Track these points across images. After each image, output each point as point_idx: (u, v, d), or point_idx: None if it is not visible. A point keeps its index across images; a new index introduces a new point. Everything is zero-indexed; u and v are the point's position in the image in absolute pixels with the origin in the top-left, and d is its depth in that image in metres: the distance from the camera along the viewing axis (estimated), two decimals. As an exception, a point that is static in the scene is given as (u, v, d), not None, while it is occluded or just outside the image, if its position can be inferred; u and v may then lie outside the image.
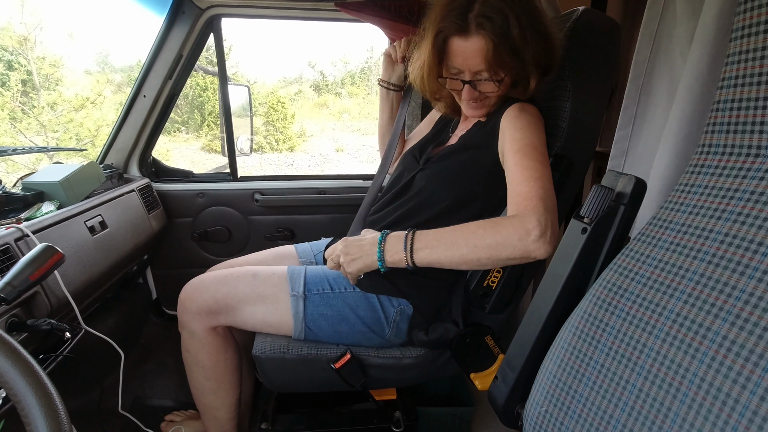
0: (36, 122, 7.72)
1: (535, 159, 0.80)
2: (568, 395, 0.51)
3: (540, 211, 0.74)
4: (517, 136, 0.85)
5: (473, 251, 0.77)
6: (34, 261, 0.67)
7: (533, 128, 0.86)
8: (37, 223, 0.95)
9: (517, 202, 0.78)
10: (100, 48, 12.88)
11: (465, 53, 0.85)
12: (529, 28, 0.82)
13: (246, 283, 0.98)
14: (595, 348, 0.49)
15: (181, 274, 1.34)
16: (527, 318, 0.61)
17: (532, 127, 0.85)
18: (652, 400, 0.43)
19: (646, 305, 0.46)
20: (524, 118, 0.87)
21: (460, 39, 0.84)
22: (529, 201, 0.76)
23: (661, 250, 0.47)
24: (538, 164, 0.80)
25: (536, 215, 0.74)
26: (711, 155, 0.45)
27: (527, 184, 0.78)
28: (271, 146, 11.29)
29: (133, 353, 1.54)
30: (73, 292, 0.96)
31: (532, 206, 0.75)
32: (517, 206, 0.77)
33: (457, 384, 1.43)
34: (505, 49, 0.82)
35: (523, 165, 0.81)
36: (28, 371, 0.41)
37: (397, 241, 0.83)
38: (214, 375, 1.02)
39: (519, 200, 0.78)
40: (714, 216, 0.43)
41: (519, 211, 0.76)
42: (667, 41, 0.73)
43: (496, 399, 0.64)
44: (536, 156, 0.81)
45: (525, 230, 0.73)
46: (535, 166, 0.80)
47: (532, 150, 0.82)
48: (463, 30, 0.83)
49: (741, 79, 0.41)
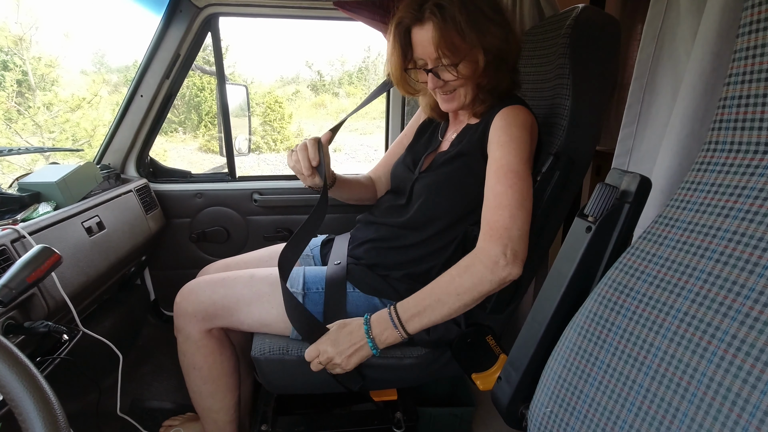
0: (32, 123, 7.68)
1: (507, 184, 0.82)
2: (574, 395, 0.51)
3: (504, 241, 0.78)
4: (497, 155, 0.86)
5: (458, 299, 0.81)
6: (31, 262, 0.66)
7: (515, 144, 0.85)
8: (33, 224, 0.94)
9: (485, 231, 0.82)
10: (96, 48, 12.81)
11: (423, 42, 0.87)
12: (477, 12, 0.85)
13: (243, 284, 0.97)
14: (600, 348, 0.49)
15: (179, 275, 1.33)
16: (531, 318, 0.61)
17: (513, 144, 0.85)
18: (659, 400, 0.42)
19: (653, 304, 0.45)
20: (509, 132, 0.87)
21: (417, 28, 0.88)
22: (494, 231, 0.80)
23: (667, 249, 0.46)
24: (509, 189, 0.81)
25: (500, 246, 0.78)
26: (718, 152, 0.45)
27: (495, 212, 0.81)
28: (268, 146, 11.26)
29: (131, 355, 1.53)
30: (71, 293, 0.95)
31: (497, 237, 0.79)
32: (484, 235, 0.82)
33: (457, 384, 1.43)
34: (453, 33, 0.85)
35: (496, 191, 0.83)
36: (24, 374, 0.40)
37: (383, 322, 0.84)
38: (212, 378, 1.01)
39: (486, 229, 0.82)
40: (721, 214, 0.42)
41: (485, 242, 0.81)
42: (671, 39, 0.73)
43: (499, 399, 0.63)
44: (510, 179, 0.82)
45: (493, 263, 0.78)
46: (506, 191, 0.81)
47: (506, 173, 0.83)
48: (418, 19, 0.86)
49: (748, 75, 0.41)
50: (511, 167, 0.83)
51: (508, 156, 0.84)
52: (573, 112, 0.93)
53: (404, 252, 0.99)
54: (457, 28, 0.84)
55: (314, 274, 1.00)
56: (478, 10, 0.85)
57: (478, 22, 0.85)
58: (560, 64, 0.93)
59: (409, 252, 0.99)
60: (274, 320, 0.96)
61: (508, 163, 0.83)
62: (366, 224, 1.09)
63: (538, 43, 1.05)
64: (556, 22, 0.99)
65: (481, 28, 0.85)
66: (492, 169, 0.85)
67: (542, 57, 1.03)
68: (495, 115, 0.90)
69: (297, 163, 0.94)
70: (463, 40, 0.85)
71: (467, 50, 0.86)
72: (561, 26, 0.94)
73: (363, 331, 0.84)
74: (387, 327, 0.84)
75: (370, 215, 1.10)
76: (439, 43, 0.84)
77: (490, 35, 0.86)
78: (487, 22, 0.86)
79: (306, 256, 1.21)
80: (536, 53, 1.06)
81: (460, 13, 0.83)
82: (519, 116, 0.89)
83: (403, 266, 0.98)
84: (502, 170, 0.83)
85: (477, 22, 0.85)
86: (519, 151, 0.84)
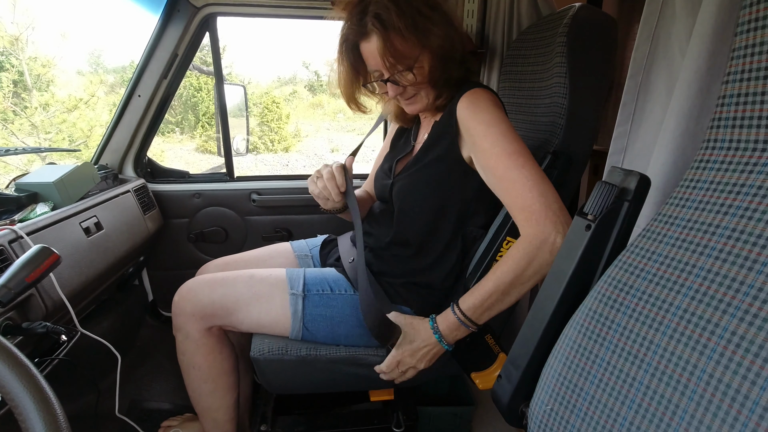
0: (28, 123, 7.64)
1: (517, 166, 0.80)
2: (574, 393, 0.51)
3: (551, 219, 0.76)
4: (485, 146, 0.84)
5: (523, 287, 0.81)
6: (30, 262, 0.66)
7: (495, 127, 0.84)
8: (31, 224, 0.94)
9: (525, 217, 0.79)
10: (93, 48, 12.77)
11: (372, 54, 0.87)
12: (415, 14, 0.84)
13: (243, 284, 0.97)
14: (601, 345, 0.49)
15: (177, 276, 1.33)
16: (531, 316, 0.61)
17: (494, 127, 0.84)
18: (659, 397, 0.42)
19: (652, 302, 0.45)
20: (481, 118, 0.86)
21: (364, 42, 0.88)
22: (536, 213, 0.78)
23: (666, 246, 0.46)
24: (522, 170, 0.80)
25: (549, 225, 0.76)
26: (717, 150, 0.45)
27: (525, 196, 0.79)
28: (266, 146, 11.25)
29: (129, 356, 1.53)
30: (69, 294, 0.95)
31: (543, 218, 0.77)
32: (527, 221, 0.79)
33: (456, 383, 1.43)
34: (397, 40, 0.84)
35: (510, 177, 0.81)
36: (24, 375, 0.40)
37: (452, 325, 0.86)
38: (211, 377, 1.01)
39: (526, 215, 0.79)
40: (720, 211, 0.43)
41: (532, 227, 0.78)
42: (666, 37, 0.73)
43: (500, 398, 0.63)
44: (515, 160, 0.81)
45: (551, 244, 0.76)
46: (521, 173, 0.80)
47: (509, 156, 0.81)
48: (362, 33, 0.87)
49: (747, 73, 0.41)
50: (508, 150, 0.81)
51: (499, 141, 0.82)
52: (570, 111, 0.93)
53: (404, 262, 1.00)
54: (399, 34, 0.84)
55: (314, 276, 1.00)
56: (415, 12, 0.84)
57: (417, 24, 0.84)
58: (557, 63, 0.93)
59: (409, 262, 0.99)
60: (273, 321, 0.96)
61: (504, 148, 0.82)
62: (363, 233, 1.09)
63: (535, 42, 1.06)
64: (553, 21, 0.99)
65: (421, 29, 0.85)
66: (492, 159, 0.83)
67: (539, 56, 1.03)
68: (456, 104, 0.89)
69: (324, 190, 0.97)
70: (407, 46, 0.85)
71: (415, 54, 0.87)
72: (558, 25, 0.95)
73: (435, 338, 0.88)
74: (456, 328, 0.86)
75: (367, 225, 1.10)
76: (385, 53, 0.84)
77: (432, 35, 0.86)
78: (425, 21, 0.85)
79: (305, 257, 1.21)
80: (533, 52, 1.06)
81: (398, 18, 0.83)
82: (480, 99, 0.88)
83: (406, 275, 0.99)
84: (503, 156, 0.82)
85: (416, 25, 0.84)
86: (504, 132, 0.83)
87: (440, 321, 0.88)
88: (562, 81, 0.93)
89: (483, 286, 0.83)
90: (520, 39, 1.15)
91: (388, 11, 0.83)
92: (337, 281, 1.00)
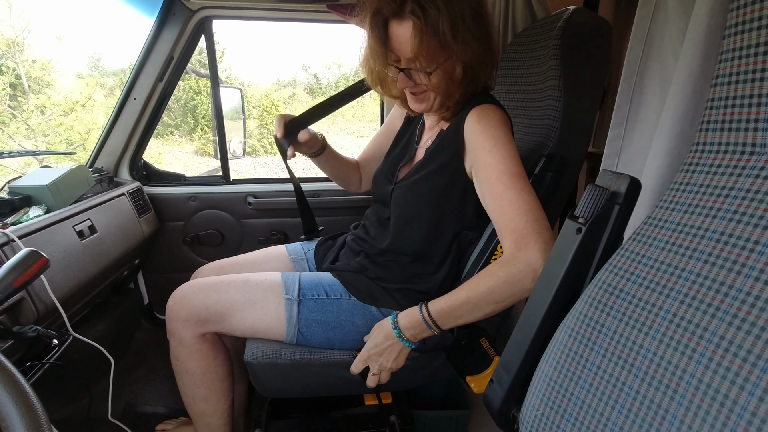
0: (25, 126, 7.64)
1: (516, 188, 0.79)
2: (564, 397, 0.50)
3: (540, 246, 0.75)
4: (490, 161, 0.82)
5: (496, 306, 0.79)
6: (18, 266, 0.65)
7: (503, 147, 0.83)
8: (23, 227, 0.93)
9: (514, 239, 0.78)
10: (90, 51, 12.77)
11: (399, 38, 0.82)
12: (459, 21, 0.79)
13: (237, 289, 0.96)
14: (591, 349, 0.49)
15: (173, 279, 1.32)
16: (522, 320, 0.60)
17: (501, 147, 0.82)
18: (649, 401, 0.42)
19: (642, 306, 0.45)
20: (490, 134, 0.84)
21: (395, 22, 0.81)
22: (526, 238, 0.76)
23: (656, 250, 0.46)
24: (522, 193, 0.79)
25: (537, 252, 0.75)
26: (706, 153, 0.45)
27: (518, 218, 0.78)
28: (265, 149, 11.24)
29: (124, 359, 1.52)
30: (61, 297, 0.95)
31: (533, 243, 0.75)
32: (516, 243, 0.77)
33: (452, 387, 1.42)
34: (433, 40, 0.80)
35: (508, 197, 0.79)
36: (7, 379, 0.39)
37: (417, 325, 0.85)
38: (205, 382, 1.00)
39: (515, 237, 0.78)
40: (709, 215, 0.42)
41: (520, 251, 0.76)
42: (659, 40, 0.73)
43: (491, 402, 0.63)
44: (516, 182, 0.80)
45: (534, 272, 0.75)
46: (520, 195, 0.79)
47: (510, 177, 0.80)
48: (397, 13, 0.80)
49: (735, 76, 0.41)
50: (512, 170, 0.81)
51: (504, 160, 0.81)
52: (565, 114, 0.93)
53: (401, 268, 0.99)
54: (438, 35, 0.80)
55: (310, 281, 1.00)
56: (458, 17, 0.80)
57: (456, 31, 0.80)
58: (552, 66, 0.93)
59: (406, 269, 0.99)
60: (268, 326, 0.95)
61: (508, 168, 0.81)
62: (359, 238, 1.09)
63: (530, 45, 1.06)
64: (547, 24, 0.99)
65: (459, 38, 0.80)
66: (492, 175, 0.82)
67: (534, 59, 1.03)
68: (466, 116, 0.88)
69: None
70: (441, 49, 0.82)
71: (441, 60, 0.83)
72: (552, 28, 0.95)
73: (394, 334, 0.86)
74: (418, 325, 0.85)
75: (362, 230, 1.10)
76: (418, 47, 0.80)
77: (468, 49, 0.82)
78: (465, 32, 0.81)
79: (300, 260, 1.20)
80: (528, 55, 1.06)
81: (439, 16, 0.78)
82: (492, 116, 0.86)
83: (402, 281, 0.98)
84: (505, 175, 0.80)
85: (455, 31, 0.80)
86: (511, 153, 0.82)
87: (402, 317, 0.86)
88: (557, 84, 0.93)
89: (456, 295, 0.82)
90: (515, 42, 1.15)
91: (437, 10, 0.78)
92: (332, 286, 0.99)
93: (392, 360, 0.88)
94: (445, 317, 0.82)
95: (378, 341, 0.88)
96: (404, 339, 0.86)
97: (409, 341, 0.86)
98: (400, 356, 0.88)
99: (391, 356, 0.88)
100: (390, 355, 0.88)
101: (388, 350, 0.88)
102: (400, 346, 0.87)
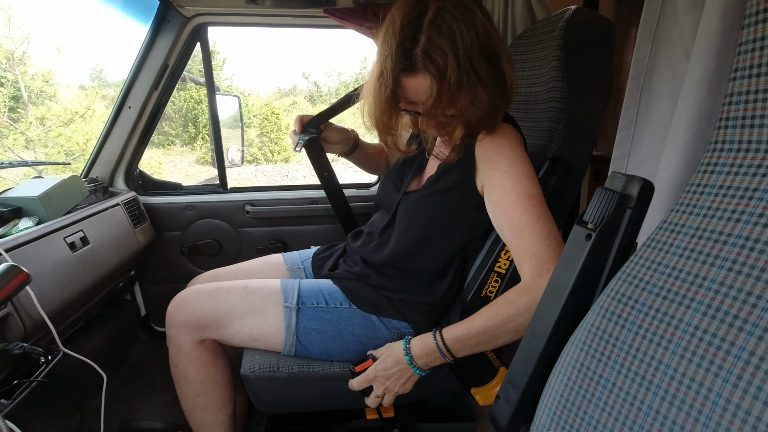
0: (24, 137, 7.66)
1: (536, 211, 0.77)
2: (577, 417, 0.47)
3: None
4: (506, 183, 0.80)
5: (515, 335, 0.77)
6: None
7: (519, 167, 0.80)
8: (11, 240, 0.91)
9: (535, 264, 0.76)
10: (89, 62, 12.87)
11: (415, 89, 0.76)
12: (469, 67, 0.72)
13: (236, 296, 0.95)
14: (605, 365, 0.45)
15: (170, 290, 1.29)
16: (530, 332, 0.57)
17: (518, 167, 0.80)
18: (671, 423, 0.39)
19: (660, 317, 0.42)
20: (506, 154, 0.81)
21: (408, 77, 0.75)
22: (551, 263, 0.74)
23: (674, 257, 0.43)
24: (542, 216, 0.77)
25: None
26: (725, 152, 0.42)
27: (539, 242, 0.76)
28: (265, 157, 11.26)
29: (120, 373, 1.49)
30: (51, 312, 0.92)
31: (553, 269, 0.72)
32: (537, 269, 0.75)
33: (457, 398, 1.38)
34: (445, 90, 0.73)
35: (528, 220, 0.77)
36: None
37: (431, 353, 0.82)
38: (204, 390, 0.98)
39: (536, 262, 0.75)
40: (732, 218, 0.39)
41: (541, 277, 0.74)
42: (668, 37, 0.70)
43: (498, 420, 0.59)
44: (535, 205, 0.77)
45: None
46: (539, 219, 0.77)
47: (529, 199, 0.78)
48: (409, 69, 0.74)
49: (756, 68, 0.38)
50: (530, 192, 0.78)
51: (522, 182, 0.79)
52: (568, 116, 0.90)
53: (404, 279, 0.96)
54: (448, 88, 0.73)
55: (310, 288, 0.97)
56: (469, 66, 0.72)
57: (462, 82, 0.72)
58: (553, 67, 0.91)
59: (409, 279, 0.96)
60: (266, 334, 0.93)
61: (526, 189, 0.78)
62: (360, 245, 1.06)
63: (530, 46, 1.03)
64: (548, 25, 0.97)
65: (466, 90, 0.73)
66: (509, 198, 0.79)
67: (535, 60, 1.00)
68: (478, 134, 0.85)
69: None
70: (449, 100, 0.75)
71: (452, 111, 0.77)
72: (554, 29, 0.92)
73: (406, 360, 0.83)
74: (432, 353, 0.82)
75: (365, 237, 1.06)
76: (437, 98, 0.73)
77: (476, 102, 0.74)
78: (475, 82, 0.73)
79: (297, 269, 1.17)
80: (529, 57, 1.03)
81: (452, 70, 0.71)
82: (507, 135, 0.83)
83: (405, 292, 0.95)
84: (523, 198, 0.78)
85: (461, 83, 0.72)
86: (528, 174, 0.80)
87: (414, 343, 0.84)
88: (559, 86, 0.90)
89: (473, 322, 0.79)
90: (515, 44, 1.13)
91: (444, 56, 0.70)
92: (332, 294, 0.97)
93: (399, 385, 0.85)
94: (460, 345, 0.79)
95: (387, 365, 0.85)
96: (415, 366, 0.83)
97: (420, 369, 0.84)
98: (408, 383, 0.86)
99: (399, 382, 0.85)
100: (398, 380, 0.85)
101: (396, 375, 0.85)
102: (410, 372, 0.84)
